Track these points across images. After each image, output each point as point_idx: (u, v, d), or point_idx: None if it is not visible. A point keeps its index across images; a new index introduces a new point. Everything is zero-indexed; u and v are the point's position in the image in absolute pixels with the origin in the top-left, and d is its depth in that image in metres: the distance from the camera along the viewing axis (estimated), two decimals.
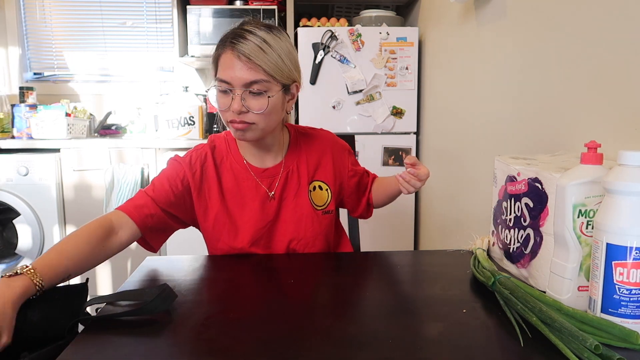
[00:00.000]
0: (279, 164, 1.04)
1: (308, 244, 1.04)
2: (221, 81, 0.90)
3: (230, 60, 0.89)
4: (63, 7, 2.80)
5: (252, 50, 0.87)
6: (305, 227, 1.03)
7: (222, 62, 0.91)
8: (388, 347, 0.57)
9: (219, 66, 0.92)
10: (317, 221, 1.04)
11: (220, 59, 0.91)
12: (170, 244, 2.27)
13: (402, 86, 2.31)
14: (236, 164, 1.02)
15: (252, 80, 0.88)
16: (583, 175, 0.66)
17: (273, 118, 0.94)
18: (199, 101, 2.45)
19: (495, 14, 1.48)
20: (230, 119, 0.91)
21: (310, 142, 1.08)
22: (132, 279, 0.83)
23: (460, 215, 1.84)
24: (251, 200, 1.01)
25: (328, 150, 1.09)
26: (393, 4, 2.66)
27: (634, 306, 0.57)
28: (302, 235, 1.03)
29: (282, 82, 0.92)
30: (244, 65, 0.88)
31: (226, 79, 0.89)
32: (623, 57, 0.88)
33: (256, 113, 0.90)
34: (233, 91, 0.89)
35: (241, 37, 0.89)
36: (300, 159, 1.06)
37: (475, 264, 0.83)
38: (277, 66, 0.90)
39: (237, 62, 0.88)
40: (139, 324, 0.65)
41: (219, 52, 0.92)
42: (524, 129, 1.29)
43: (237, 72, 0.88)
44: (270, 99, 0.90)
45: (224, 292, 0.79)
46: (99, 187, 2.25)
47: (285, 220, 1.03)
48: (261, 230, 1.01)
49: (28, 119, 2.34)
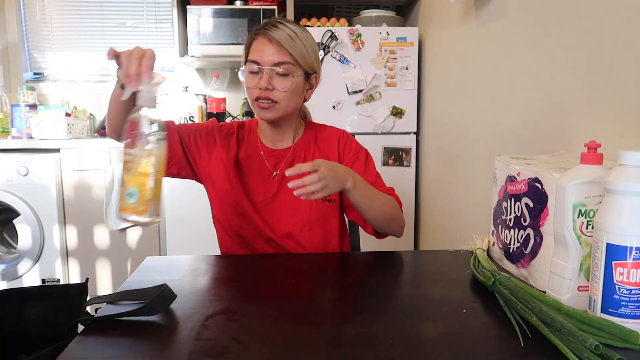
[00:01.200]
0: (288, 148, 1.12)
1: (304, 228, 1.08)
2: (252, 62, 1.02)
3: (262, 44, 1.01)
4: (63, 7, 2.80)
5: (282, 37, 1.00)
6: (303, 210, 1.08)
7: (254, 47, 1.03)
8: (388, 347, 0.57)
9: (250, 50, 1.04)
10: (316, 207, 1.09)
11: (252, 44, 1.04)
12: (171, 243, 2.27)
13: (402, 86, 2.31)
14: (252, 141, 1.13)
15: (279, 61, 1.00)
16: (583, 175, 0.66)
17: (294, 100, 1.05)
18: (199, 101, 2.45)
19: (495, 14, 1.48)
20: (257, 95, 1.02)
21: (322, 135, 1.16)
22: (132, 279, 0.83)
23: (460, 215, 1.84)
24: (255, 174, 1.10)
25: (335, 144, 1.14)
26: (393, 4, 2.66)
27: (634, 306, 0.57)
28: (299, 217, 1.08)
29: (304, 69, 1.04)
30: (274, 49, 1.00)
31: (256, 59, 1.01)
32: (623, 57, 0.88)
33: (281, 91, 1.01)
34: (262, 70, 1.01)
35: (274, 26, 1.02)
36: (308, 147, 1.13)
37: (475, 264, 0.83)
38: (302, 54, 1.03)
39: (269, 45, 1.01)
40: (138, 324, 0.65)
41: (252, 39, 1.04)
42: (524, 129, 1.29)
43: (267, 53, 1.01)
44: (294, 80, 1.02)
45: (224, 292, 0.79)
46: (99, 187, 2.25)
47: (285, 200, 1.09)
48: (259, 205, 1.08)
49: (28, 119, 2.34)
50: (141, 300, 0.68)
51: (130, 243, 2.31)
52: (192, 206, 2.24)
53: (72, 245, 2.28)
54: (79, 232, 2.28)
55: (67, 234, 2.27)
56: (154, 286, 0.70)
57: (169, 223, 2.25)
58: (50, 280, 2.26)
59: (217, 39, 2.45)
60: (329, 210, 1.10)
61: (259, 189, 1.09)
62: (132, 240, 2.31)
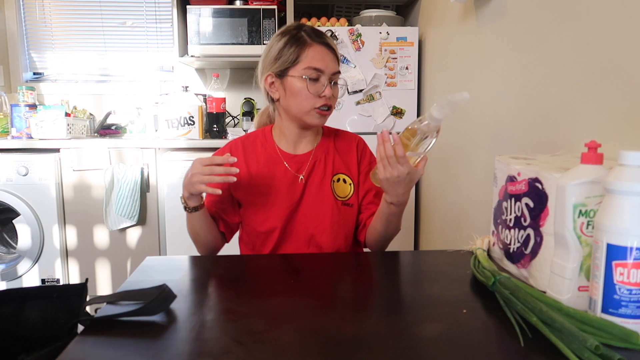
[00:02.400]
0: (309, 153, 1.13)
1: (326, 230, 1.09)
2: (314, 69, 1.02)
3: (323, 52, 1.03)
4: (63, 7, 2.80)
5: (335, 47, 1.06)
6: (324, 214, 1.09)
7: (312, 53, 1.02)
8: (388, 347, 0.57)
9: (304, 56, 1.02)
10: (337, 211, 1.10)
11: (307, 50, 1.02)
12: (171, 243, 2.27)
13: (402, 86, 2.31)
14: (270, 149, 1.13)
15: (336, 70, 1.05)
16: (583, 175, 0.66)
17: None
18: (199, 101, 2.44)
19: (495, 14, 1.48)
20: (321, 104, 1.03)
21: (340, 139, 1.18)
22: (132, 279, 0.83)
23: (460, 215, 1.84)
24: (279, 182, 1.10)
25: (355, 149, 1.17)
26: (393, 4, 2.66)
27: (634, 306, 0.57)
28: (321, 219, 1.09)
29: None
30: (333, 57, 1.05)
31: (320, 67, 1.02)
32: (623, 57, 0.88)
33: (336, 98, 1.07)
34: (322, 79, 1.03)
35: (322, 35, 1.05)
36: (328, 151, 1.15)
37: (475, 264, 0.83)
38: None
39: (329, 54, 1.04)
40: (138, 324, 0.64)
41: (303, 45, 1.03)
42: (524, 129, 1.29)
43: (330, 62, 1.03)
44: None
45: (224, 292, 0.79)
46: (99, 187, 2.25)
47: (308, 204, 1.09)
48: (286, 210, 1.08)
49: (28, 119, 2.34)
50: (141, 300, 0.68)
51: (130, 243, 2.31)
52: None
53: (72, 245, 2.28)
54: (79, 232, 2.28)
55: (67, 234, 2.27)
56: (154, 286, 0.69)
57: (169, 223, 2.25)
58: (50, 280, 2.26)
59: (217, 38, 2.45)
60: (348, 215, 1.12)
61: (284, 195, 1.09)
62: (132, 240, 2.31)
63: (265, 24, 2.44)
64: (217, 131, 2.46)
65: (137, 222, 2.26)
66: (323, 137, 1.16)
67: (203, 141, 2.31)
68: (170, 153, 2.23)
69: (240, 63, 2.64)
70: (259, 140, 1.14)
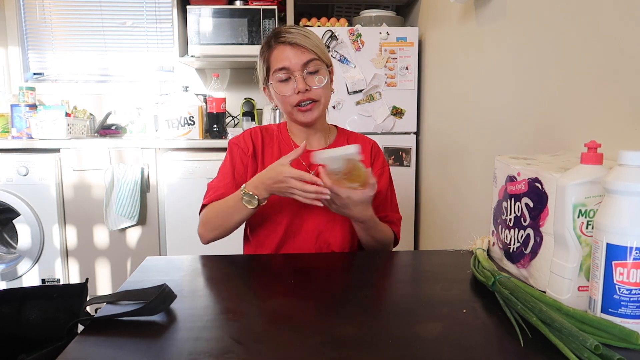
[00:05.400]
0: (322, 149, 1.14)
1: (335, 229, 1.09)
2: (279, 70, 1.03)
3: (283, 50, 1.02)
4: (63, 7, 2.80)
5: (300, 39, 1.03)
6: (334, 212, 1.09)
7: (274, 57, 1.04)
8: (388, 347, 0.57)
9: (271, 61, 1.05)
10: None
11: (271, 56, 1.05)
12: (171, 243, 2.27)
13: (402, 86, 2.31)
14: (284, 143, 1.14)
15: (307, 60, 1.02)
16: (583, 175, 0.66)
17: (328, 93, 1.09)
18: (199, 101, 2.44)
19: (495, 14, 1.48)
20: (297, 100, 1.03)
21: (354, 141, 1.18)
22: (132, 279, 0.83)
23: (460, 215, 1.84)
24: None
25: (369, 152, 1.18)
26: (393, 4, 2.66)
27: (634, 306, 0.57)
28: (330, 218, 1.09)
29: (326, 62, 1.07)
30: (296, 51, 1.02)
31: (284, 65, 1.02)
32: (623, 57, 0.88)
33: (318, 87, 1.04)
34: (293, 75, 1.02)
35: (286, 32, 1.03)
36: None
37: (475, 264, 0.83)
38: (320, 48, 1.05)
39: (290, 50, 1.02)
40: (138, 324, 0.65)
41: (268, 52, 1.05)
42: (524, 129, 1.29)
43: (293, 57, 1.02)
44: (323, 73, 1.05)
45: (224, 292, 0.79)
46: (99, 187, 2.25)
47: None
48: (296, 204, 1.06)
49: (28, 119, 2.34)
50: (141, 300, 0.68)
51: (130, 243, 2.31)
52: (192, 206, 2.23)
53: (72, 245, 2.28)
54: (79, 232, 2.28)
55: (67, 234, 2.27)
56: (154, 286, 0.69)
57: (169, 223, 2.25)
58: (50, 280, 2.26)
59: (217, 39, 2.45)
60: None
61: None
62: (132, 240, 2.31)
63: (265, 24, 2.44)
64: (217, 131, 2.46)
65: (137, 222, 2.26)
66: (337, 137, 1.18)
67: (203, 141, 2.31)
68: (170, 153, 2.23)
69: (241, 63, 2.64)
70: (275, 134, 1.16)
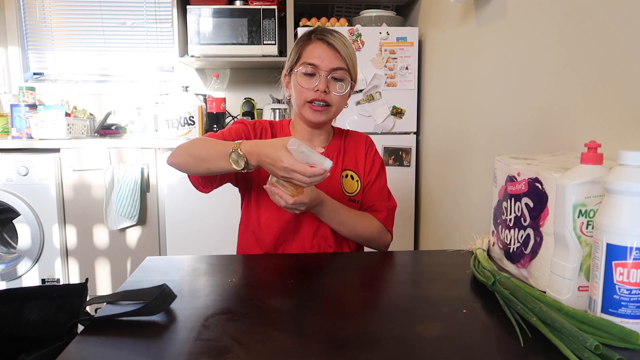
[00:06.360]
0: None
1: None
2: (308, 64, 1.05)
3: (321, 48, 1.05)
4: (63, 7, 2.79)
5: (339, 44, 1.05)
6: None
7: (309, 50, 1.06)
8: (388, 347, 0.57)
9: (304, 53, 1.07)
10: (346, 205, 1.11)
11: (307, 47, 1.07)
12: (171, 243, 2.27)
13: (402, 86, 2.31)
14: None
15: (337, 66, 1.05)
16: (583, 175, 0.66)
17: (342, 105, 1.11)
18: (199, 101, 2.44)
19: (495, 14, 1.48)
20: (312, 97, 1.04)
21: (351, 139, 1.21)
22: (132, 279, 0.83)
23: (460, 215, 1.84)
24: None
25: (362, 147, 1.20)
26: (393, 4, 2.66)
27: (634, 306, 0.57)
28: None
29: (352, 75, 1.09)
30: (332, 53, 1.05)
31: (314, 62, 1.04)
32: (623, 56, 0.88)
33: (336, 94, 1.06)
34: (319, 73, 1.04)
35: (330, 34, 1.06)
36: (339, 151, 1.18)
37: (475, 264, 0.83)
38: (352, 61, 1.08)
39: (326, 49, 1.05)
40: (138, 324, 0.65)
41: (305, 43, 1.07)
42: (524, 129, 1.29)
43: (325, 58, 1.04)
44: (346, 84, 1.07)
45: (224, 292, 0.79)
46: (99, 187, 2.25)
47: None
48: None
49: (28, 118, 2.34)
50: (141, 300, 0.68)
51: (130, 243, 2.31)
52: (192, 206, 2.24)
53: (72, 245, 2.28)
54: (79, 232, 2.28)
55: (67, 234, 2.27)
56: (154, 286, 0.69)
57: (169, 223, 2.25)
58: (50, 280, 2.26)
59: (217, 39, 2.45)
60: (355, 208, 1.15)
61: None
62: (132, 240, 2.31)
63: (265, 24, 2.44)
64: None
65: (137, 222, 2.26)
66: (335, 137, 1.20)
67: None
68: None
69: (240, 63, 2.64)
70: (277, 130, 1.17)
